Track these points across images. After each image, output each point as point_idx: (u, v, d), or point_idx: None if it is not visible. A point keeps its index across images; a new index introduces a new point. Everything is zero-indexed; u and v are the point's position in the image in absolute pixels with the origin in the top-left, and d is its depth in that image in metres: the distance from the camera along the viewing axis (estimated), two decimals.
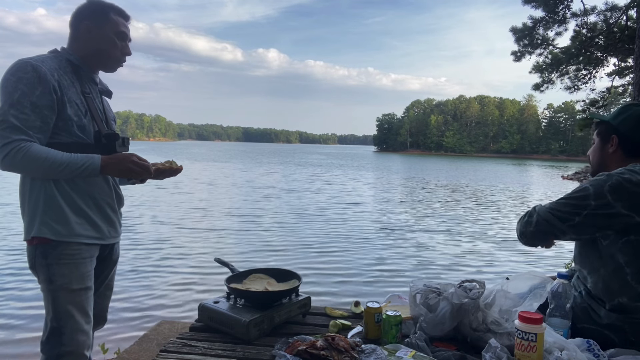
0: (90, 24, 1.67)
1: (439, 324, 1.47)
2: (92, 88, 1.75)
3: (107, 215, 1.75)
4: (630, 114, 1.55)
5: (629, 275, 1.40)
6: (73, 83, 1.63)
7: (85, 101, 1.66)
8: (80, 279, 1.61)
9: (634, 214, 1.38)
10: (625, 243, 1.40)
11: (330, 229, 9.30)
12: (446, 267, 6.72)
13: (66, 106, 1.57)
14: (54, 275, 1.57)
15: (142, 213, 10.48)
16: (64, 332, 1.57)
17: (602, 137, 1.62)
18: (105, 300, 1.90)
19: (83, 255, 1.63)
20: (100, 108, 1.75)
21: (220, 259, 1.96)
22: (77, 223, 1.62)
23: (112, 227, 1.78)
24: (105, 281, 1.87)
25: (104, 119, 1.76)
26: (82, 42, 1.69)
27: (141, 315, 4.45)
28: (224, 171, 27.66)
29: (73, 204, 1.62)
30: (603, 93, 9.74)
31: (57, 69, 1.58)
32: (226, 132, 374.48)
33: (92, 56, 1.70)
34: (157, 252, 6.91)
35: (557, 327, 1.37)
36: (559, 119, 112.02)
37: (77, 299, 1.60)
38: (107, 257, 1.84)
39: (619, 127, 1.56)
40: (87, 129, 1.63)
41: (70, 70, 1.65)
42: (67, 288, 1.58)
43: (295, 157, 56.23)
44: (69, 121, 1.58)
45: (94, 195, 1.68)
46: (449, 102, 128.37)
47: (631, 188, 1.39)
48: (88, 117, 1.65)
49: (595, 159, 1.65)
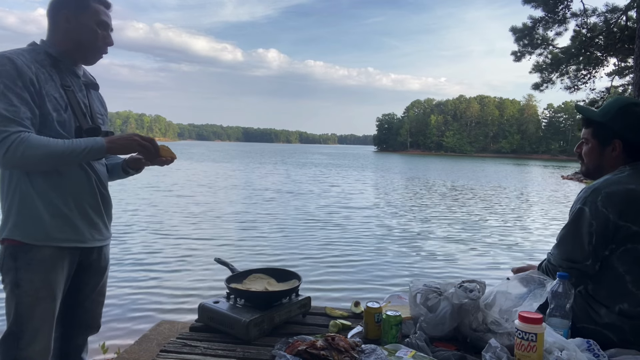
0: (69, 13, 1.58)
1: (439, 324, 1.47)
2: (74, 81, 1.65)
3: (89, 216, 1.65)
4: (634, 118, 1.51)
5: (630, 283, 1.41)
6: (52, 76, 1.55)
7: (66, 95, 1.57)
8: (48, 287, 1.53)
9: (629, 224, 1.40)
10: (623, 252, 1.42)
11: (330, 229, 9.29)
12: (446, 267, 6.72)
13: (45, 100, 1.49)
14: (21, 280, 1.49)
15: (142, 213, 10.49)
16: (21, 336, 1.50)
17: (601, 140, 1.56)
18: (98, 306, 1.84)
19: (55, 261, 1.55)
20: (84, 102, 1.66)
21: (220, 259, 1.95)
22: (53, 225, 1.53)
23: (95, 230, 1.68)
24: (96, 288, 1.80)
25: (89, 113, 1.67)
26: (61, 33, 1.60)
27: (141, 315, 4.45)
28: (224, 171, 27.66)
29: (50, 204, 1.53)
30: (603, 93, 9.75)
31: (33, 62, 1.50)
32: (226, 132, 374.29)
33: (72, 48, 1.61)
34: (157, 252, 6.91)
35: (557, 327, 1.37)
36: (559, 119, 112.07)
37: (42, 306, 1.52)
38: (95, 263, 1.75)
39: (623, 132, 1.52)
40: (67, 125, 1.55)
41: (49, 63, 1.56)
42: (34, 295, 1.50)
43: (296, 157, 56.21)
44: (49, 116, 1.50)
45: (74, 194, 1.60)
46: (449, 102, 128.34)
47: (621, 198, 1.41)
48: (69, 112, 1.57)
49: (592, 161, 1.61)
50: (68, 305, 1.72)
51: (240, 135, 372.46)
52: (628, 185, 1.43)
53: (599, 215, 1.42)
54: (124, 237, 7.78)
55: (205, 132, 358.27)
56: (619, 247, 1.42)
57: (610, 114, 1.54)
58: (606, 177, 1.49)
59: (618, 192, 1.42)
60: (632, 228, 1.40)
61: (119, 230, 8.27)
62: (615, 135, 1.53)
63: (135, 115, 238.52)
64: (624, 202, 1.40)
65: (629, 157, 1.53)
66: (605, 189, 1.43)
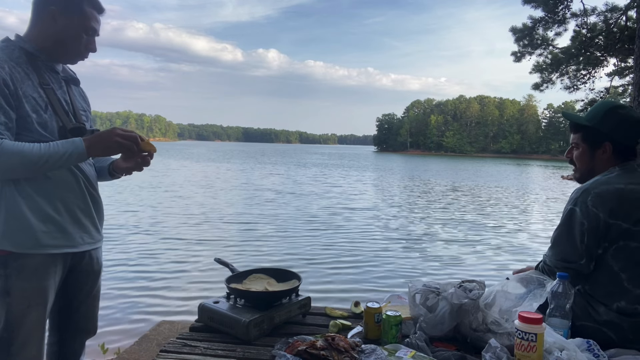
0: (56, 10, 1.47)
1: (439, 324, 1.47)
2: (53, 78, 1.55)
3: (79, 220, 1.59)
4: (621, 120, 1.56)
5: (625, 281, 1.43)
6: (28, 75, 1.45)
7: (45, 94, 1.48)
8: (40, 294, 1.50)
9: (620, 222, 1.42)
10: (616, 250, 1.44)
11: (330, 229, 9.29)
12: (446, 267, 6.72)
13: (22, 102, 1.39)
14: (12, 288, 1.44)
15: (142, 213, 10.49)
16: (12, 343, 1.46)
17: (590, 144, 1.60)
18: (93, 310, 1.81)
19: (47, 268, 1.50)
20: (65, 99, 1.57)
21: (220, 259, 1.95)
22: (42, 232, 1.47)
23: (85, 233, 1.62)
24: (91, 292, 1.76)
25: (71, 111, 1.57)
26: (42, 29, 1.50)
27: (141, 315, 4.45)
28: (224, 172, 27.65)
29: (38, 210, 1.46)
30: (602, 93, 9.75)
31: (7, 61, 1.40)
32: (226, 132, 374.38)
33: (51, 46, 1.51)
34: (157, 252, 6.91)
35: (557, 327, 1.37)
36: (558, 119, 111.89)
37: (33, 313, 1.48)
38: (87, 267, 1.70)
39: (612, 134, 1.56)
40: (49, 126, 1.46)
41: (25, 60, 1.46)
42: (25, 303, 1.46)
43: (296, 158, 56.21)
44: (28, 118, 1.40)
45: (63, 198, 1.53)
46: (448, 102, 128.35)
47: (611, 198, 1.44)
48: (49, 111, 1.47)
49: (584, 165, 1.64)
50: (64, 310, 1.70)
51: (240, 136, 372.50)
52: (617, 184, 1.47)
53: (589, 214, 1.45)
54: (124, 237, 7.78)
55: (205, 132, 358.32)
56: (612, 245, 1.45)
57: (598, 117, 1.59)
58: (596, 178, 1.53)
59: (607, 191, 1.45)
60: (623, 225, 1.42)
61: (119, 230, 8.28)
62: (604, 138, 1.57)
63: (135, 115, 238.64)
64: (614, 200, 1.44)
65: (619, 159, 1.57)
66: (595, 189, 1.47)
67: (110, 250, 6.61)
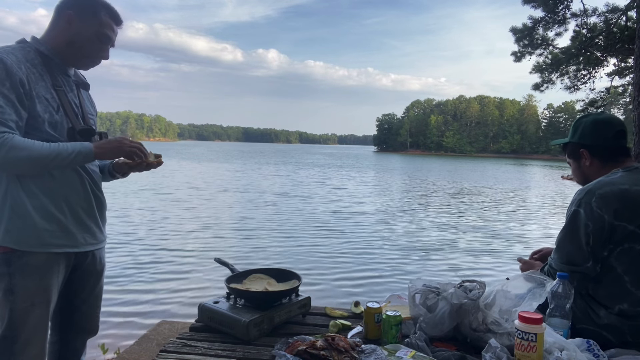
0: (73, 14, 1.52)
1: (438, 324, 1.47)
2: (65, 80, 1.59)
3: (82, 220, 1.61)
4: (584, 125, 1.64)
5: (629, 283, 1.42)
6: (42, 76, 1.49)
7: (57, 96, 1.52)
8: (43, 293, 1.51)
9: (625, 223, 1.41)
10: (621, 252, 1.43)
11: (330, 229, 9.29)
12: (446, 267, 6.72)
13: (35, 102, 1.44)
14: (15, 287, 1.45)
15: (142, 213, 10.49)
16: (16, 341, 1.47)
17: (574, 157, 1.69)
18: (95, 310, 1.81)
19: (50, 266, 1.52)
20: (75, 102, 1.61)
21: (220, 259, 1.95)
22: (46, 230, 1.49)
23: (88, 234, 1.63)
24: (93, 292, 1.77)
25: (80, 113, 1.62)
26: (58, 32, 1.54)
27: (141, 315, 4.46)
28: (224, 172, 27.65)
29: (42, 209, 1.48)
30: (602, 93, 9.75)
31: (23, 62, 1.44)
32: (226, 132, 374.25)
33: (64, 49, 1.55)
34: (157, 252, 6.91)
35: (557, 327, 1.37)
36: (559, 119, 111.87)
37: (36, 312, 1.49)
38: (90, 267, 1.72)
39: (581, 141, 1.63)
40: (59, 126, 1.50)
41: (40, 62, 1.50)
42: (28, 301, 1.47)
43: (296, 158, 56.20)
44: (39, 118, 1.45)
45: (67, 198, 1.55)
46: (448, 102, 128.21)
47: (615, 199, 1.43)
48: (60, 113, 1.52)
49: (579, 178, 1.71)
50: (65, 309, 1.71)
51: (241, 136, 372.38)
52: (621, 185, 1.46)
53: (594, 216, 1.43)
54: (125, 238, 7.78)
55: (205, 132, 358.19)
56: (617, 248, 1.43)
57: (571, 132, 1.69)
58: (599, 179, 1.52)
59: (612, 192, 1.44)
60: (629, 227, 1.41)
61: (119, 230, 8.28)
62: (579, 147, 1.65)
63: (135, 115, 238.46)
64: (618, 202, 1.42)
65: (603, 161, 1.59)
66: (599, 190, 1.46)
67: (110, 250, 6.62)
